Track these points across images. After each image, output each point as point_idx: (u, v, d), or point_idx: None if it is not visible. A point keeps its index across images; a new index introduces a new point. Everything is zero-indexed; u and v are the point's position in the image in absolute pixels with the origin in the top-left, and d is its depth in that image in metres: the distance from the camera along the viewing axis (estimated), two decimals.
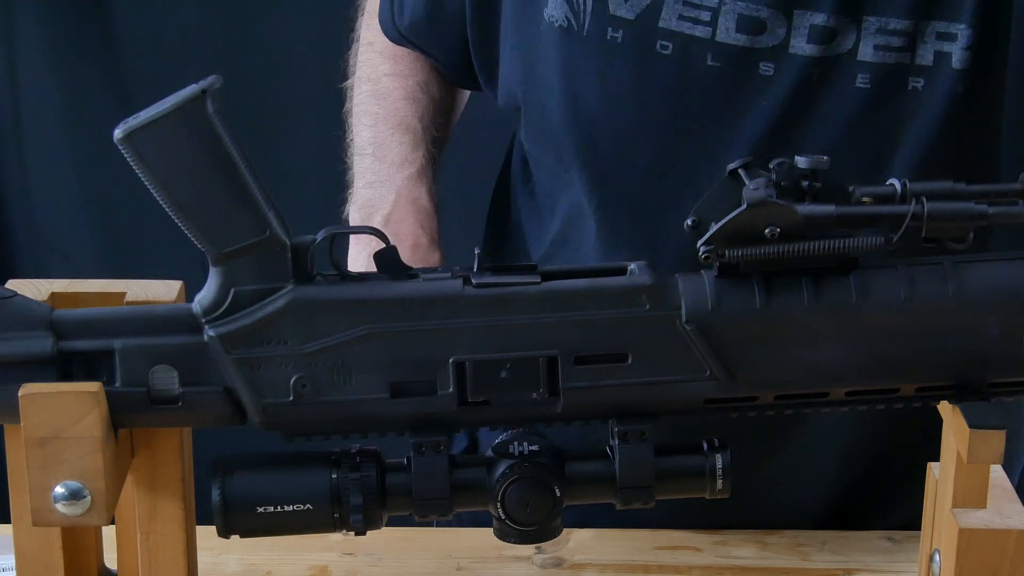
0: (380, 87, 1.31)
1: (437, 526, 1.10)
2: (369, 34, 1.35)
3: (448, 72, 1.31)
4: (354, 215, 1.25)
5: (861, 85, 1.07)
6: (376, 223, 1.21)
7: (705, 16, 1.07)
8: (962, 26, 1.05)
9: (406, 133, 1.27)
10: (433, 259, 1.20)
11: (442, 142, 1.32)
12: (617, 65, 1.10)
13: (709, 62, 1.08)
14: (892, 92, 1.07)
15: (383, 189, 1.24)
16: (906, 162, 1.08)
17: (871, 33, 1.06)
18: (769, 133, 1.09)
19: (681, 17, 1.08)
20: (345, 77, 1.36)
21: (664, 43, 1.08)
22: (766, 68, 1.07)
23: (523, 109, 1.19)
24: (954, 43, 1.05)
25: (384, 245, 0.86)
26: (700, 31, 1.08)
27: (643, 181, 1.13)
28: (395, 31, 1.30)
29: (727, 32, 1.07)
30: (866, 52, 1.07)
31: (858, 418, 0.91)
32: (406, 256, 0.86)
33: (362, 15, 1.38)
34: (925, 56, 1.06)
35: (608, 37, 1.10)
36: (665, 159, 1.12)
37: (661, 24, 1.08)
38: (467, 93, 1.37)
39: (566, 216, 1.21)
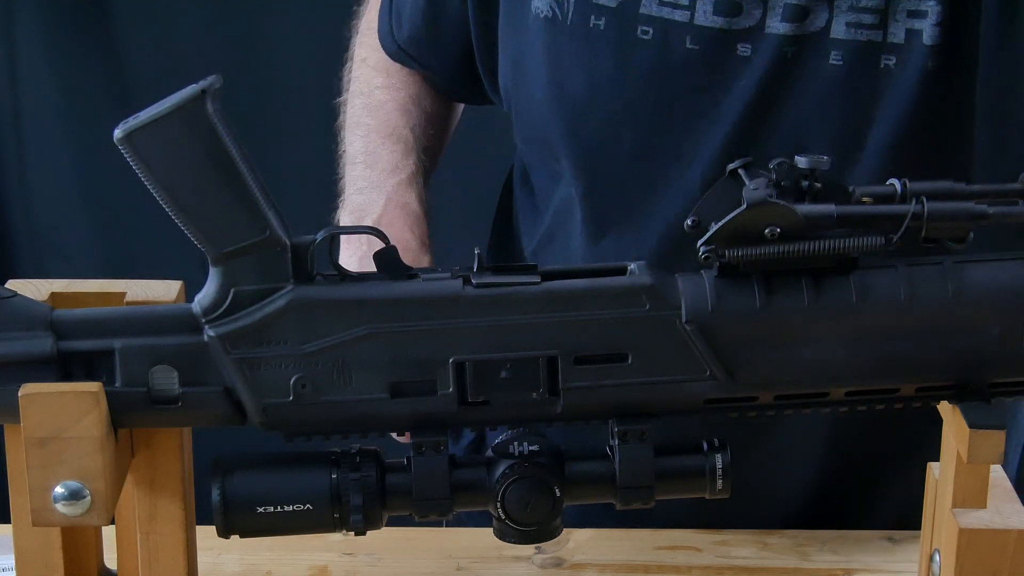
0: (373, 100, 1.32)
1: (446, 526, 1.11)
2: (363, 51, 1.37)
3: (443, 84, 1.33)
4: (344, 220, 1.25)
5: (834, 62, 1.09)
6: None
7: (684, 0, 1.09)
8: (931, 2, 1.07)
9: (397, 142, 1.28)
10: (423, 262, 1.20)
11: (434, 152, 1.33)
12: (600, 52, 1.12)
13: (688, 45, 1.10)
14: (865, 70, 1.09)
15: (373, 194, 1.25)
16: (881, 139, 1.10)
17: (843, 11, 1.08)
18: (748, 112, 1.11)
19: (661, 3, 1.10)
20: (339, 93, 1.37)
21: (645, 28, 1.10)
22: (743, 48, 1.09)
23: (513, 103, 1.21)
24: (924, 19, 1.07)
25: (384, 245, 0.86)
26: (679, 15, 1.10)
27: (628, 164, 1.15)
28: (393, 44, 1.31)
29: (705, 15, 1.09)
30: (838, 30, 1.08)
31: (838, 415, 0.92)
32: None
33: (356, 34, 1.39)
34: (896, 34, 1.08)
35: (591, 25, 1.12)
36: (648, 141, 1.14)
37: (642, 10, 1.10)
38: (461, 107, 1.39)
39: (556, 212, 1.22)
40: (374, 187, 1.25)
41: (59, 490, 0.82)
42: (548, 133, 1.17)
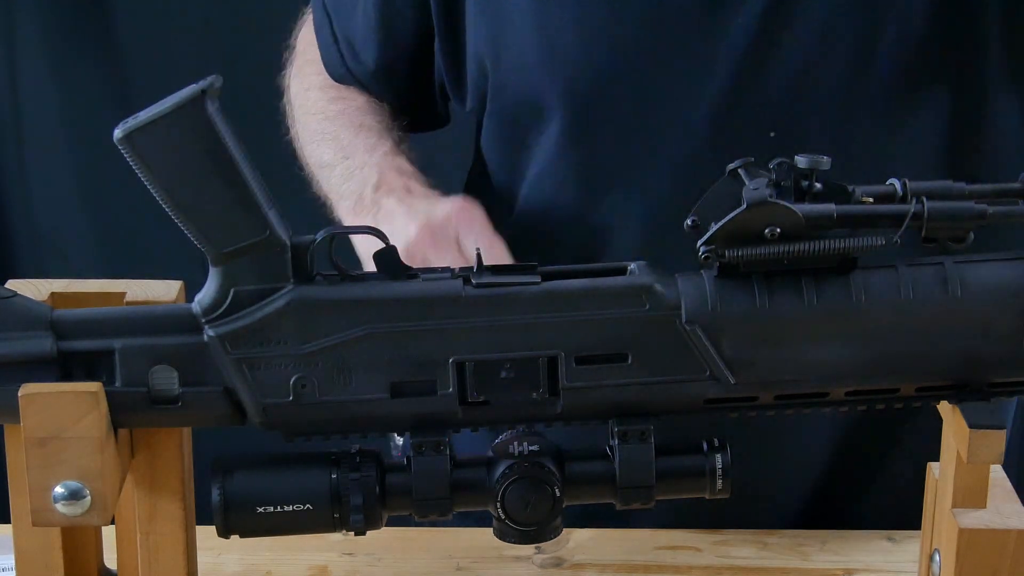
0: (330, 112, 1.30)
1: (437, 525, 1.10)
2: (304, 81, 1.35)
3: (394, 107, 1.31)
4: (343, 209, 1.22)
5: None
6: (367, 198, 1.20)
7: None
8: None
9: (369, 131, 1.26)
10: (432, 195, 1.17)
11: (403, 140, 1.32)
12: (592, 7, 1.10)
13: None
14: None
15: (364, 171, 1.22)
16: (893, 59, 1.08)
17: None
18: (748, 50, 1.09)
19: None
20: (286, 131, 1.37)
21: None
22: None
23: (493, 80, 1.18)
24: None
25: (384, 245, 0.86)
26: None
27: (628, 116, 1.13)
28: (343, 68, 1.30)
29: None
30: None
31: (838, 415, 0.91)
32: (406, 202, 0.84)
33: (290, 79, 1.38)
34: None
35: None
36: (648, 91, 1.12)
37: None
38: None
39: (526, 198, 1.20)
40: (361, 167, 1.22)
41: (59, 490, 0.82)
42: (542, 99, 1.15)
